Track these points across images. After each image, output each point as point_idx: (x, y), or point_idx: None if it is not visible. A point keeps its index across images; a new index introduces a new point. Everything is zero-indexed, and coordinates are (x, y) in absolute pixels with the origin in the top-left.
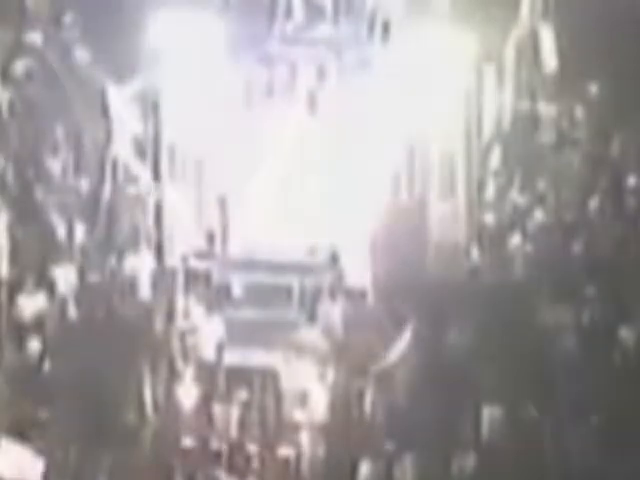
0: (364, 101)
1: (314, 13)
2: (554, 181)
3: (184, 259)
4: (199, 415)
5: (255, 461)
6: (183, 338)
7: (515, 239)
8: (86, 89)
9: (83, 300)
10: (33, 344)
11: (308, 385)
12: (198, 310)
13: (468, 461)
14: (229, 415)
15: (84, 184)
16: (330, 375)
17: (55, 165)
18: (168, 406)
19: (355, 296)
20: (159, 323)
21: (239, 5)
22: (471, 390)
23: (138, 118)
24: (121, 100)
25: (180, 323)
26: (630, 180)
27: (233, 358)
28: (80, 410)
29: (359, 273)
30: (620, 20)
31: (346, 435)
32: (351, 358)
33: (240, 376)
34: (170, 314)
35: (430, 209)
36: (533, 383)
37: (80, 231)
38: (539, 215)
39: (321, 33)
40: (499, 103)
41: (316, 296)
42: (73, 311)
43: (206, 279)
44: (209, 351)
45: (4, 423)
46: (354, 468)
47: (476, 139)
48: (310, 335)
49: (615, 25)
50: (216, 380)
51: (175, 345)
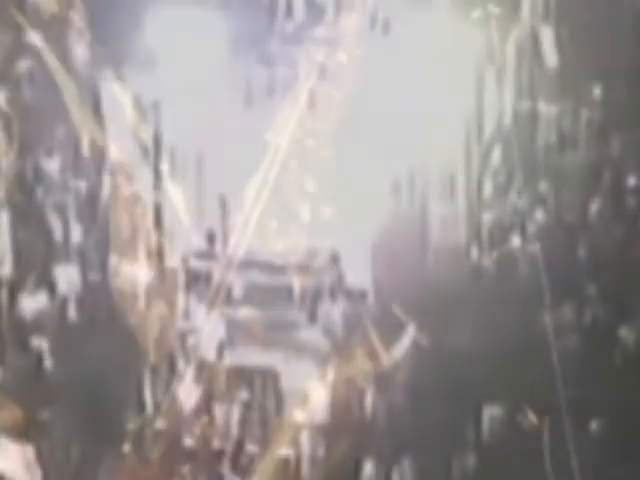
0: (364, 101)
1: (315, 12)
2: (555, 181)
3: (184, 259)
4: (200, 415)
5: (258, 461)
6: (183, 338)
7: (515, 240)
8: (85, 89)
9: (84, 300)
10: (33, 344)
11: (308, 385)
12: (198, 310)
13: (468, 461)
14: (230, 415)
15: (83, 184)
16: (330, 375)
17: (54, 165)
18: (168, 406)
19: (355, 296)
20: (159, 323)
21: (239, 4)
22: (471, 390)
23: (138, 118)
24: (120, 100)
25: (180, 323)
26: (631, 180)
27: (233, 358)
28: (80, 410)
29: (359, 273)
30: (621, 20)
31: (346, 435)
32: (351, 358)
33: (240, 376)
34: (170, 314)
35: (430, 210)
36: (534, 383)
37: (79, 231)
38: (540, 216)
39: (322, 32)
40: (499, 103)
41: (316, 296)
42: (74, 311)
43: (206, 279)
44: (209, 351)
45: (4, 423)
46: (354, 468)
47: (476, 139)
48: (310, 335)
49: (616, 25)
50: (216, 380)
51: (175, 345)
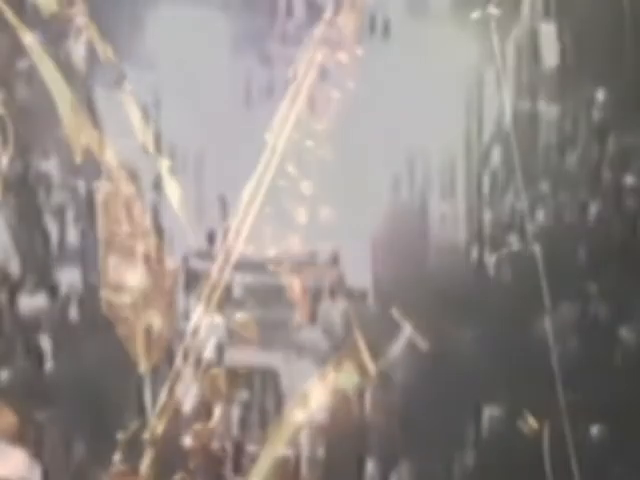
0: (364, 101)
1: (315, 12)
2: (555, 181)
3: (184, 259)
4: (200, 415)
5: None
6: (183, 338)
7: (515, 239)
8: (83, 90)
9: (84, 300)
10: (33, 344)
11: (308, 385)
12: (198, 310)
13: (467, 464)
14: (230, 415)
15: (81, 185)
16: (330, 375)
17: (53, 166)
18: (169, 406)
19: (355, 296)
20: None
21: (239, 4)
22: (471, 390)
23: (138, 118)
24: (120, 100)
25: (180, 323)
26: (630, 180)
27: (233, 358)
28: (80, 411)
29: (360, 273)
30: (622, 19)
31: (346, 435)
32: (351, 358)
33: (240, 376)
34: (170, 314)
35: (430, 209)
36: (534, 384)
37: (78, 231)
38: (540, 215)
39: (322, 32)
40: (499, 103)
41: (316, 296)
42: (74, 311)
43: (206, 279)
44: (209, 351)
45: (3, 424)
46: (354, 468)
47: (476, 139)
48: (310, 335)
49: (617, 24)
50: (216, 380)
51: (175, 345)
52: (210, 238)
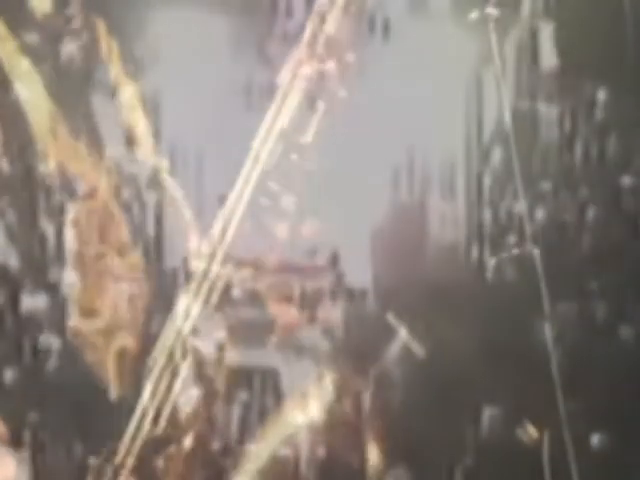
0: (364, 100)
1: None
2: (555, 181)
3: (184, 259)
4: (199, 415)
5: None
6: (183, 338)
7: (515, 239)
8: (79, 90)
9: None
10: (33, 344)
11: (308, 385)
12: (198, 310)
13: (468, 461)
14: (230, 415)
15: (80, 185)
16: (330, 375)
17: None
18: (168, 407)
19: (355, 296)
20: (159, 324)
21: (239, 4)
22: (471, 391)
23: (137, 118)
24: (119, 100)
25: (180, 323)
26: (629, 180)
27: (233, 358)
28: (78, 412)
29: (359, 273)
30: (622, 19)
31: (345, 436)
32: (351, 358)
33: (240, 376)
34: (170, 314)
35: (430, 209)
36: (534, 384)
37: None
38: (540, 215)
39: (307, 44)
40: (499, 103)
41: (316, 296)
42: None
43: (206, 279)
44: (209, 351)
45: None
46: (354, 469)
47: (476, 139)
48: (310, 335)
49: (617, 25)
50: (216, 380)
51: (175, 345)
52: (209, 237)
